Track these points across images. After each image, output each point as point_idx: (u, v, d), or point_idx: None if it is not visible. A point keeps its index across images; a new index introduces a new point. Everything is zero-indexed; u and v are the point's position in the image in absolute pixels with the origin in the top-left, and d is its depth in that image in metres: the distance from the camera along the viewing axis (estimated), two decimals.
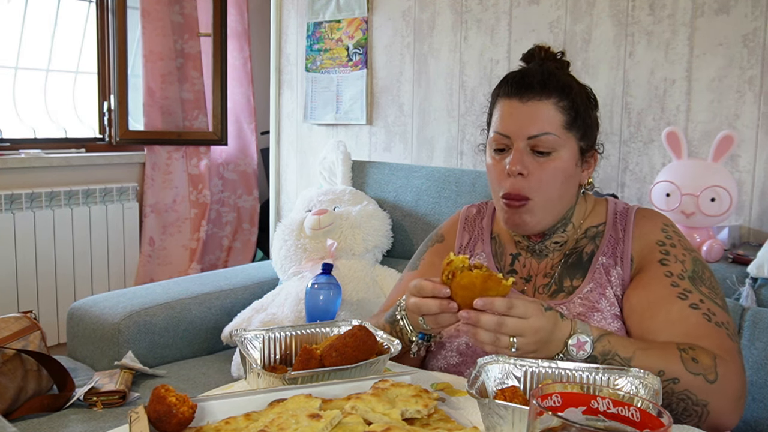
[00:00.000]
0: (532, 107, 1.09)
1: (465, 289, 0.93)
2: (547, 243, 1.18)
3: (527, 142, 1.09)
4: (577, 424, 0.56)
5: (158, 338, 1.94)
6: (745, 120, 1.82)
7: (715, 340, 1.00)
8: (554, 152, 1.10)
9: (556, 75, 1.13)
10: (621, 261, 1.13)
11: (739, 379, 0.98)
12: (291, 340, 1.06)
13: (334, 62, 2.63)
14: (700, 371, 0.94)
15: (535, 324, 0.91)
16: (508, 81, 1.13)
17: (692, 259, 1.10)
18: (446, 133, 2.39)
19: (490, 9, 2.25)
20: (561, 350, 0.94)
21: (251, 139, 3.42)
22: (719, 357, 0.97)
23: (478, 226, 1.29)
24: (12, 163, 2.64)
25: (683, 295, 1.05)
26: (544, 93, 1.09)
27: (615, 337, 0.96)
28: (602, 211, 1.20)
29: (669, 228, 1.15)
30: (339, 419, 0.78)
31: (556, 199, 1.12)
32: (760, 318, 1.46)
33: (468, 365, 1.14)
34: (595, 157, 1.18)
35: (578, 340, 0.93)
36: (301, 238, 2.08)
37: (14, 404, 1.53)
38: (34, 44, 2.90)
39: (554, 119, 1.09)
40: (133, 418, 0.77)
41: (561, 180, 1.11)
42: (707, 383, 0.94)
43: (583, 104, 1.13)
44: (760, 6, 1.78)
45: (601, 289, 1.11)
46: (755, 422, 1.42)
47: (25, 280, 2.67)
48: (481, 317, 0.91)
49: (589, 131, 1.15)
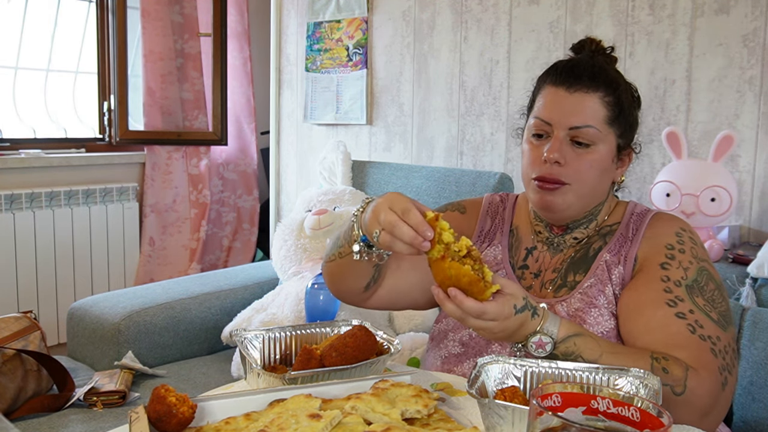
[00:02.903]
0: (578, 98, 1.09)
1: (448, 278, 0.89)
2: (566, 237, 1.18)
3: (568, 132, 1.09)
4: (577, 424, 0.56)
5: (158, 338, 1.94)
6: (745, 120, 1.82)
7: (693, 352, 0.97)
8: (593, 145, 1.10)
9: (605, 69, 1.13)
10: (625, 260, 1.12)
11: (709, 395, 0.95)
12: (291, 340, 1.06)
13: (334, 62, 2.63)
14: (669, 382, 0.92)
15: (501, 326, 0.91)
16: (558, 69, 1.13)
17: (698, 268, 1.07)
18: (446, 133, 2.39)
19: (490, 9, 2.25)
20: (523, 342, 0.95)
21: (251, 139, 3.42)
22: (692, 370, 0.94)
23: (500, 215, 1.27)
24: (12, 163, 2.64)
25: (672, 302, 1.02)
26: (592, 86, 1.09)
27: (585, 339, 0.95)
28: (621, 211, 1.19)
29: (685, 233, 1.11)
30: (339, 419, 0.78)
31: (589, 191, 1.12)
32: (760, 318, 1.46)
33: (470, 356, 1.13)
34: (631, 156, 1.18)
35: (540, 340, 0.94)
36: (301, 238, 2.08)
37: (14, 404, 1.53)
38: (34, 44, 2.90)
39: (598, 113, 1.09)
40: (133, 418, 0.77)
41: (596, 173, 1.11)
42: (673, 395, 0.92)
43: (627, 102, 1.14)
44: (760, 6, 1.78)
45: (601, 286, 1.11)
46: (755, 422, 1.42)
47: (25, 280, 2.67)
48: (447, 304, 0.90)
49: (629, 129, 1.15)
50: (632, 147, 1.18)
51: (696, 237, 1.13)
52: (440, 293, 0.91)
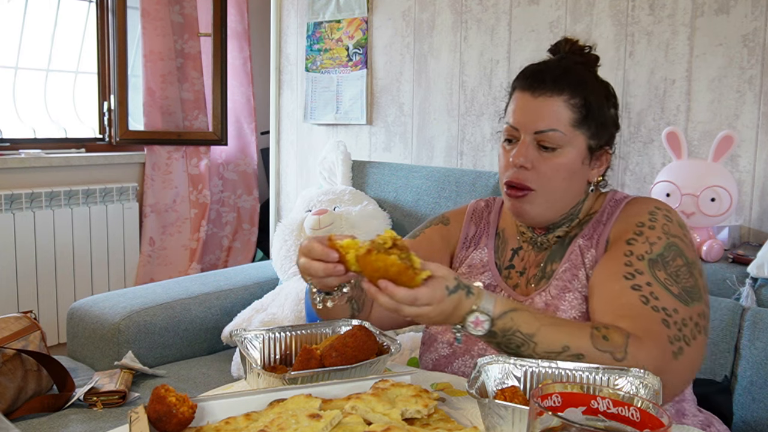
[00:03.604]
0: (542, 103, 1.10)
1: (376, 271, 0.89)
2: (549, 236, 1.19)
3: (534, 136, 1.11)
4: (577, 424, 0.56)
5: (158, 338, 1.94)
6: (745, 120, 1.82)
7: (641, 322, 0.98)
8: (560, 149, 1.11)
9: (571, 71, 1.13)
10: (597, 243, 1.13)
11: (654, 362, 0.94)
12: (291, 340, 1.06)
13: (334, 62, 2.63)
14: (608, 348, 0.93)
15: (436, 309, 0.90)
16: (525, 74, 1.15)
17: (667, 243, 1.07)
18: (446, 133, 2.39)
19: (490, 9, 2.25)
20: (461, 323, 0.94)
21: (251, 139, 3.42)
22: (633, 336, 0.95)
23: (485, 219, 1.30)
24: (12, 163, 2.64)
25: (631, 275, 1.03)
26: (556, 89, 1.10)
27: (522, 313, 0.95)
28: (602, 201, 1.20)
29: (659, 212, 1.12)
30: (339, 419, 0.78)
31: (559, 194, 1.13)
32: (760, 318, 1.46)
33: (458, 356, 1.15)
34: (608, 156, 1.18)
35: (477, 318, 0.93)
36: (301, 238, 2.08)
37: (14, 404, 1.53)
38: (34, 44, 2.90)
39: (563, 116, 1.10)
40: (133, 418, 0.77)
41: (563, 176, 1.12)
42: (614, 360, 0.93)
43: (597, 102, 1.13)
44: (760, 6, 1.78)
45: (575, 270, 1.12)
46: (755, 422, 1.42)
47: (25, 280, 2.67)
48: (380, 297, 0.89)
49: (602, 130, 1.15)
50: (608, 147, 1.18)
51: (673, 215, 1.13)
52: (371, 287, 0.90)
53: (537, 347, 0.94)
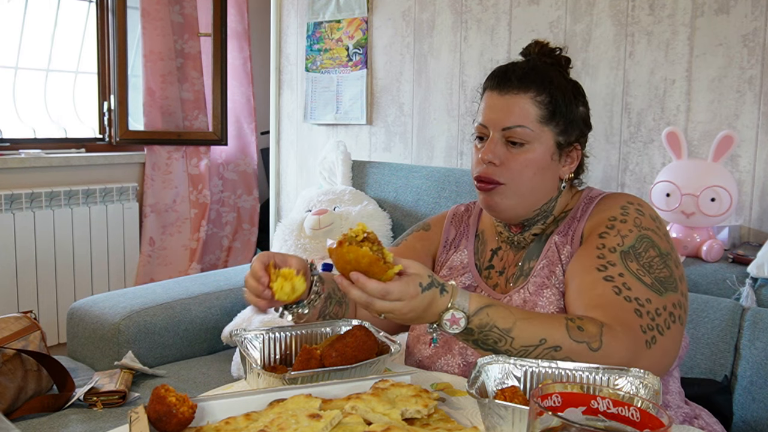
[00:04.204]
0: (509, 100, 1.13)
1: (348, 263, 0.89)
2: (525, 235, 1.21)
3: (502, 133, 1.14)
4: (577, 424, 0.56)
5: (158, 338, 1.94)
6: (745, 120, 1.82)
7: (613, 311, 0.99)
8: (527, 144, 1.13)
9: (538, 70, 1.16)
10: (572, 239, 1.15)
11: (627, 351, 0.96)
12: (291, 340, 1.06)
13: (334, 62, 2.63)
14: (584, 339, 0.94)
15: (408, 305, 0.90)
16: (493, 75, 1.18)
17: (639, 236, 1.08)
18: (446, 133, 2.39)
19: (490, 9, 2.25)
20: (435, 321, 0.94)
21: (251, 139, 3.42)
22: (607, 326, 0.96)
23: (464, 222, 1.33)
24: (12, 163, 2.64)
25: (603, 266, 1.05)
26: (522, 87, 1.13)
27: (497, 309, 0.95)
28: (577, 198, 1.22)
29: (631, 206, 1.13)
30: (339, 419, 0.78)
31: (528, 188, 1.15)
32: (760, 318, 1.46)
33: (440, 355, 1.16)
34: (578, 153, 1.19)
35: (453, 316, 0.93)
36: (301, 238, 2.08)
37: (14, 404, 1.53)
38: (34, 44, 2.90)
39: (529, 113, 1.13)
40: (133, 418, 0.77)
41: (532, 171, 1.14)
42: (590, 351, 0.94)
43: (565, 100, 1.15)
44: (760, 6, 1.78)
45: (552, 266, 1.13)
46: (755, 422, 1.42)
47: (25, 280, 2.67)
48: (352, 291, 0.90)
49: (571, 127, 1.16)
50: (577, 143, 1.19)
51: (645, 208, 1.14)
52: (343, 281, 0.90)
53: (514, 342, 0.94)
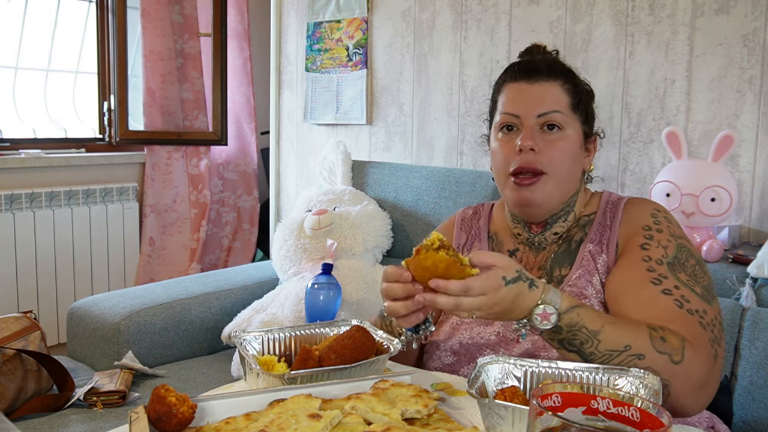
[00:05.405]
0: (541, 87, 1.14)
1: (426, 270, 0.91)
2: (546, 234, 1.19)
3: (537, 120, 1.13)
4: (577, 424, 0.56)
5: (158, 338, 1.94)
6: (745, 120, 1.82)
7: (683, 326, 0.99)
8: (563, 129, 1.14)
9: (559, 62, 1.20)
10: (607, 248, 1.14)
11: (705, 366, 0.96)
12: (290, 340, 1.06)
13: (334, 62, 2.63)
14: (667, 350, 0.94)
15: (493, 298, 0.90)
16: (515, 67, 1.19)
17: (677, 245, 1.09)
18: (446, 133, 2.39)
19: (490, 9, 2.25)
20: (526, 317, 0.93)
21: (251, 139, 3.42)
22: (688, 341, 0.96)
23: (475, 226, 1.31)
24: (12, 163, 2.64)
25: (657, 280, 1.04)
26: (551, 75, 1.15)
27: (587, 310, 0.95)
28: (597, 201, 1.22)
29: (660, 214, 1.14)
30: (339, 419, 0.78)
31: (566, 177, 1.15)
32: (760, 318, 1.46)
33: (462, 364, 1.14)
34: (595, 145, 1.22)
35: (544, 311, 0.92)
36: (301, 238, 2.08)
37: (14, 404, 1.53)
38: (34, 44, 2.90)
39: (562, 99, 1.14)
40: (133, 418, 0.77)
41: (570, 158, 1.14)
42: (672, 363, 0.93)
43: (584, 92, 1.19)
44: (760, 6, 1.78)
45: (588, 276, 1.12)
46: (755, 422, 1.42)
47: (25, 280, 2.67)
48: (438, 299, 0.90)
49: (590, 118, 1.20)
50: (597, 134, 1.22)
51: (670, 216, 1.16)
52: (427, 294, 0.91)
53: (600, 345, 0.93)
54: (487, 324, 1.16)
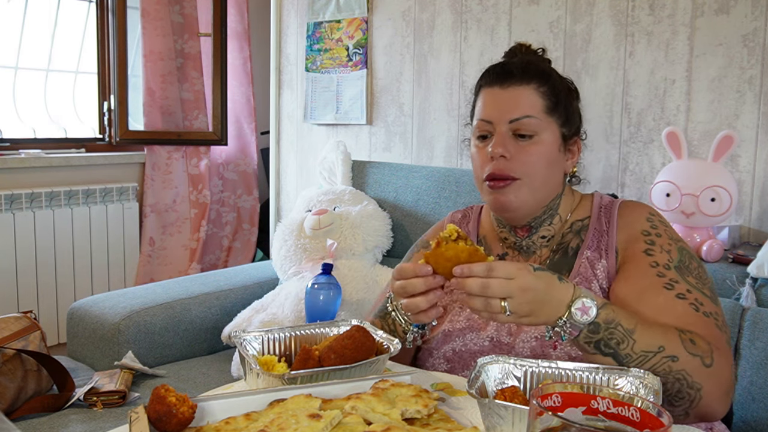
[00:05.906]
0: (513, 92, 1.12)
1: (448, 260, 0.93)
2: (534, 238, 1.18)
3: (509, 126, 1.11)
4: (577, 424, 0.56)
5: (158, 338, 1.94)
6: (745, 120, 1.82)
7: (704, 329, 0.98)
8: (536, 135, 1.11)
9: (535, 63, 1.16)
10: (606, 253, 1.13)
11: (729, 368, 0.97)
12: (290, 340, 1.06)
13: (334, 62, 2.63)
14: (698, 353, 0.93)
15: (522, 283, 0.88)
16: (490, 71, 1.17)
17: (678, 248, 1.09)
18: (446, 133, 2.39)
19: (490, 9, 2.25)
20: (563, 314, 0.91)
21: (251, 139, 3.42)
22: (713, 343, 0.96)
23: (464, 229, 1.30)
24: (12, 163, 2.64)
25: (669, 285, 1.03)
26: (524, 79, 1.12)
27: (617, 307, 0.95)
28: (588, 205, 1.20)
29: (654, 217, 1.14)
30: (339, 419, 0.78)
31: (540, 182, 1.13)
32: (760, 318, 1.46)
33: (456, 371, 1.14)
34: (579, 145, 1.20)
35: (583, 304, 0.90)
36: (301, 238, 2.08)
37: (14, 404, 1.53)
38: (34, 44, 2.90)
39: (535, 103, 1.12)
40: (133, 418, 0.77)
41: (544, 163, 1.12)
42: (704, 366, 0.93)
43: (563, 92, 1.16)
44: (760, 6, 1.78)
45: (587, 283, 1.11)
46: (755, 422, 1.42)
47: (25, 280, 2.67)
48: (466, 281, 0.90)
49: (571, 119, 1.17)
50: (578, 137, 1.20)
51: (664, 219, 1.16)
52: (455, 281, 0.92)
53: (635, 345, 0.92)
54: (479, 329, 1.15)
